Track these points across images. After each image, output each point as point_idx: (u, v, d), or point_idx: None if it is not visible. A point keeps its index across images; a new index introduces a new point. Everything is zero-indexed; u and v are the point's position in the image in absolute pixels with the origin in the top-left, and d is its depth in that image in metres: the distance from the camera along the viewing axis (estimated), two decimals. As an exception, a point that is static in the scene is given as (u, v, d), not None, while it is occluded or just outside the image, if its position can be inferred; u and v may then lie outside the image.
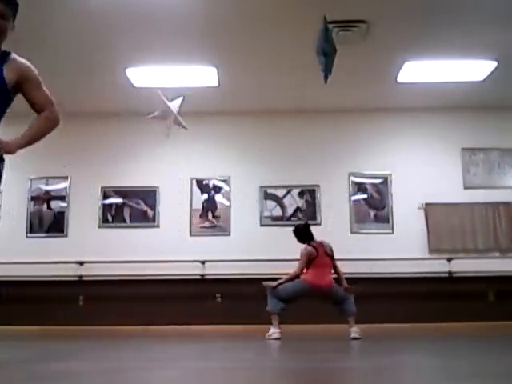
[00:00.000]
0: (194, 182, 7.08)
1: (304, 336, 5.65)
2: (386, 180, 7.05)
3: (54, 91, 3.15)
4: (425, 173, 7.03)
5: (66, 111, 7.17)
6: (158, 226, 7.00)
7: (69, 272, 6.76)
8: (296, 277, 5.27)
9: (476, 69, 5.94)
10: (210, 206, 7.00)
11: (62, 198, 7.10)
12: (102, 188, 7.08)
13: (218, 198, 7.07)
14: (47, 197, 7.12)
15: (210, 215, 6.98)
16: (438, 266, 6.70)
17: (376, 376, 2.67)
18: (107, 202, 7.08)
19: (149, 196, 7.05)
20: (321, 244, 5.33)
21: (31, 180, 7.15)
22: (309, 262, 5.25)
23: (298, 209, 6.99)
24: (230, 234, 6.93)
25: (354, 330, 5.08)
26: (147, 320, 6.52)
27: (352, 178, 7.06)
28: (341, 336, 5.21)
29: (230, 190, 7.07)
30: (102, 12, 4.71)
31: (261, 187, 7.08)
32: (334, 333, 5.93)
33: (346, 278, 5.31)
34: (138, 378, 2.69)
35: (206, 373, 2.87)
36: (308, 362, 3.24)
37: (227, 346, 4.58)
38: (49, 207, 7.09)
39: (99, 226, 7.01)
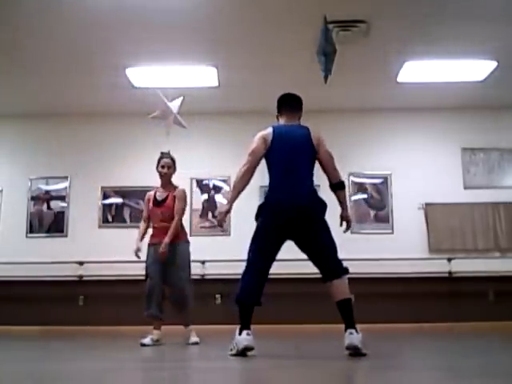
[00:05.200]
0: (194, 182, 7.08)
1: (303, 336, 5.65)
2: (386, 180, 7.05)
3: (54, 91, 3.16)
4: (425, 173, 7.03)
5: (67, 111, 7.23)
6: (158, 226, 6.99)
7: (69, 272, 6.76)
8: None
9: (476, 69, 5.93)
10: (209, 206, 7.00)
11: (62, 198, 7.10)
12: (101, 188, 7.08)
13: (218, 198, 7.07)
14: (47, 197, 7.11)
15: (210, 215, 6.97)
16: (438, 266, 6.69)
17: (377, 376, 2.67)
18: (107, 201, 7.08)
19: (149, 196, 7.05)
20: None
21: (31, 180, 7.15)
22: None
23: (298, 209, 6.98)
24: (230, 234, 6.92)
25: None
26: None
27: (352, 178, 7.06)
28: (339, 336, 5.21)
29: (230, 190, 7.06)
30: (102, 12, 4.71)
31: (261, 187, 7.05)
32: (332, 332, 5.93)
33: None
34: (138, 378, 2.69)
35: (206, 373, 2.87)
36: (308, 362, 3.23)
37: (227, 346, 4.58)
38: (49, 207, 7.09)
39: (99, 226, 7.01)
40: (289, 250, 6.90)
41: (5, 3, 4.59)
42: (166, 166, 4.92)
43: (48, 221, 7.04)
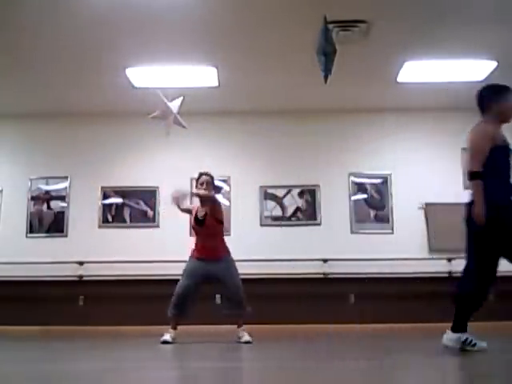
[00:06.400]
0: (194, 182, 7.06)
1: (303, 336, 5.65)
2: (386, 180, 7.04)
3: (54, 91, 3.15)
4: (425, 173, 7.03)
5: (67, 111, 7.23)
6: (157, 226, 6.99)
7: (69, 272, 6.76)
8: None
9: (476, 69, 5.93)
10: (209, 206, 6.98)
11: (62, 198, 7.10)
12: (102, 188, 7.08)
13: (218, 198, 7.05)
14: (47, 197, 7.11)
15: (209, 215, 6.96)
16: (438, 266, 6.69)
17: (378, 376, 2.67)
18: (107, 201, 7.07)
19: (149, 196, 7.05)
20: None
21: (31, 180, 7.15)
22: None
23: (298, 209, 6.99)
24: (230, 234, 6.91)
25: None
26: (147, 320, 6.51)
27: (352, 178, 7.06)
28: (339, 335, 5.21)
29: (230, 190, 7.07)
30: (102, 12, 4.71)
31: (261, 187, 7.07)
32: (332, 332, 5.93)
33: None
34: (138, 378, 2.69)
35: (206, 373, 2.87)
36: (308, 362, 3.23)
37: (227, 346, 4.58)
38: (49, 207, 7.09)
39: (99, 226, 7.00)
40: (285, 250, 6.93)
41: (4, 3, 4.59)
42: (205, 183, 5.03)
43: (48, 221, 7.04)
